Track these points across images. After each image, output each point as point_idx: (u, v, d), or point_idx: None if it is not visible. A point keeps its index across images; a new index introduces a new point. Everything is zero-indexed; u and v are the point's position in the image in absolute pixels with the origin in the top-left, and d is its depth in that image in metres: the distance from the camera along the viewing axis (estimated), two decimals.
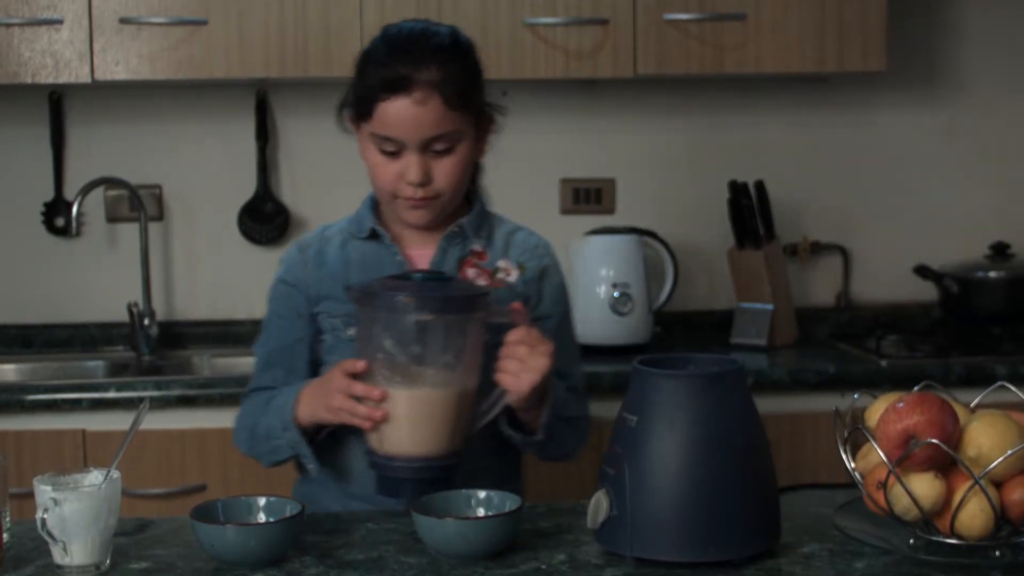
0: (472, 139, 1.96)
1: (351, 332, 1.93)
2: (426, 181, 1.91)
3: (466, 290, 1.84)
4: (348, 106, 1.97)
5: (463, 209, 2.03)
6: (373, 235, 2.01)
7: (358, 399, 1.78)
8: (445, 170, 1.93)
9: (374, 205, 2.03)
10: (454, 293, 1.79)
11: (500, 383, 1.81)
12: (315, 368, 2.03)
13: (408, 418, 1.76)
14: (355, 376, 1.79)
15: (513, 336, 1.81)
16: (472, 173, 2.04)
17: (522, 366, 1.80)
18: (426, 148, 1.90)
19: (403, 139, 1.89)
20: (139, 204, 3.26)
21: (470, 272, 1.99)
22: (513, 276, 2.01)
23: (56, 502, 1.56)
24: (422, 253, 2.01)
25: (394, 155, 1.91)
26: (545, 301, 2.03)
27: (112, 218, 3.34)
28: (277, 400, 1.95)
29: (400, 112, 1.88)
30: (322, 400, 1.85)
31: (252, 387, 2.06)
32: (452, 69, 1.90)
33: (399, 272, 1.94)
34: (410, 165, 1.90)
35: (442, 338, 1.75)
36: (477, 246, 2.02)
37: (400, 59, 1.88)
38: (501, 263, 2.02)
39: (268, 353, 2.05)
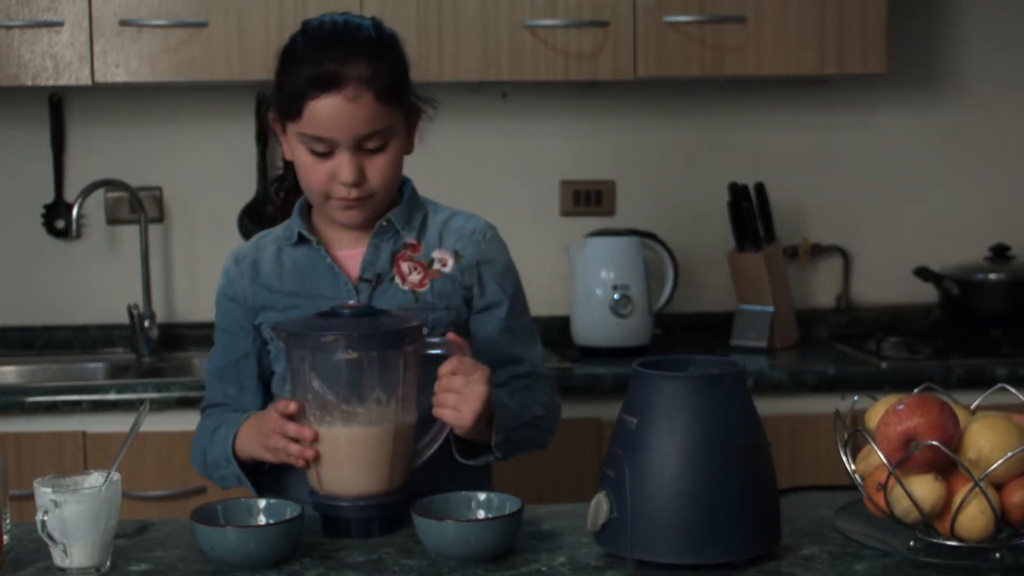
0: (403, 134, 1.91)
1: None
2: (360, 180, 1.86)
3: (392, 324, 1.76)
4: (273, 107, 1.92)
5: (393, 202, 1.97)
6: (302, 240, 1.96)
7: (294, 439, 1.76)
8: (379, 168, 1.87)
9: (305, 209, 1.98)
10: (378, 329, 1.73)
11: (440, 418, 1.77)
12: (268, 378, 2.01)
13: (344, 457, 1.73)
14: (291, 416, 1.76)
15: (446, 368, 1.75)
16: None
17: (460, 398, 1.74)
18: (358, 146, 1.85)
19: (335, 138, 1.84)
20: (139, 206, 3.26)
21: (404, 266, 1.94)
22: (449, 266, 1.94)
23: (56, 504, 1.56)
24: (352, 254, 1.95)
25: (325, 155, 1.86)
26: (489, 288, 1.97)
27: (112, 220, 3.34)
28: (220, 431, 1.92)
29: (331, 110, 1.82)
30: (258, 439, 1.83)
31: (205, 404, 2.04)
32: (381, 63, 1.84)
33: (330, 273, 1.92)
34: (342, 165, 1.85)
35: (370, 375, 1.72)
36: (409, 239, 1.95)
37: (327, 55, 1.83)
38: (436, 254, 1.95)
39: (217, 369, 2.02)
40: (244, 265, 1.99)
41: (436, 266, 1.95)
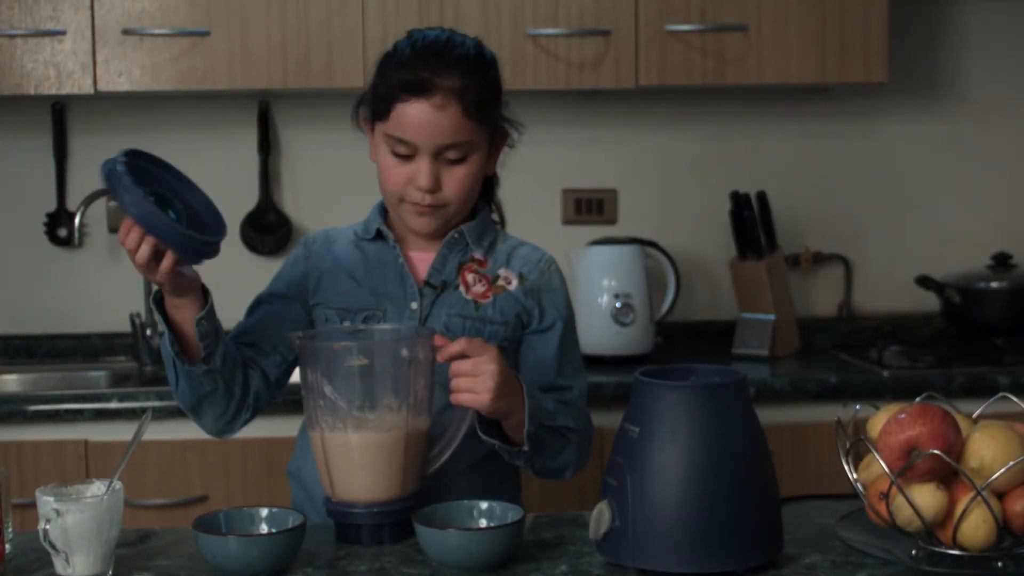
0: (485, 152, 1.95)
1: (346, 324, 1.93)
2: (435, 188, 1.90)
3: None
4: (365, 105, 1.96)
5: (464, 218, 2.02)
6: (378, 236, 2.00)
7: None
8: (455, 179, 1.91)
9: (382, 210, 2.03)
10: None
11: (459, 404, 1.77)
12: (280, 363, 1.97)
13: (356, 464, 1.74)
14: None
15: (453, 348, 1.76)
16: (490, 186, 2.06)
17: (473, 380, 1.75)
18: (438, 155, 1.89)
19: (417, 143, 1.88)
20: None
21: (469, 277, 1.98)
22: (513, 285, 1.99)
23: (58, 513, 1.56)
24: (421, 256, 1.99)
25: (406, 158, 1.90)
26: (548, 313, 2.00)
27: (114, 228, 3.34)
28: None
29: (418, 115, 1.87)
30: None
31: None
32: (473, 79, 1.89)
33: (399, 272, 1.95)
34: (421, 170, 1.89)
35: (382, 381, 1.73)
36: (478, 254, 2.00)
37: (424, 63, 1.88)
38: (501, 271, 2.00)
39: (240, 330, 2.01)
40: (316, 245, 2.02)
41: (501, 283, 1.99)
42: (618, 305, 3.13)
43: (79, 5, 2.96)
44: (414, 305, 1.95)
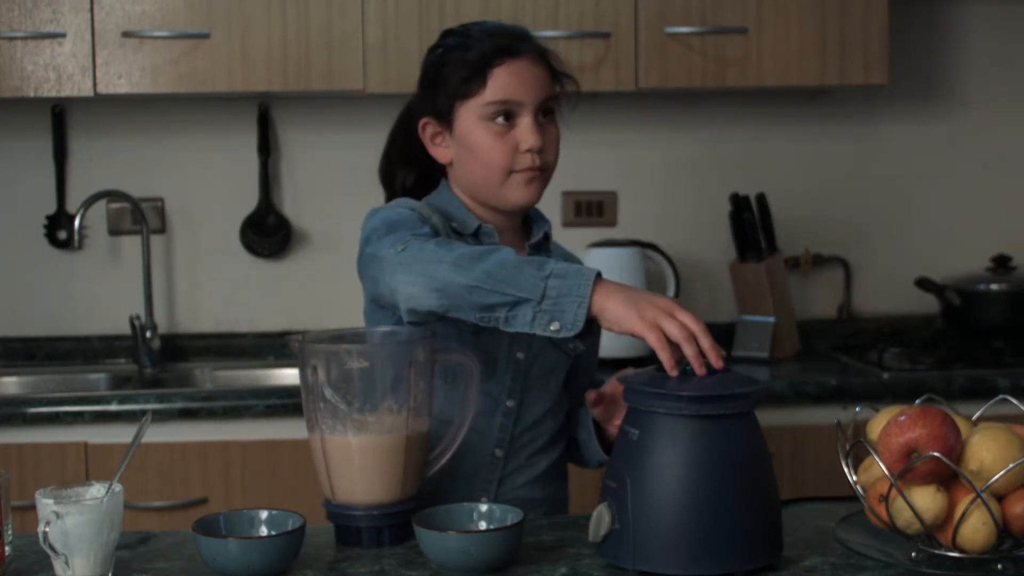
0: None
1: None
2: (541, 147, 1.92)
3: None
4: (430, 110, 1.93)
5: (527, 219, 2.04)
6: (475, 233, 1.95)
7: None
8: (552, 139, 1.95)
9: (461, 205, 1.97)
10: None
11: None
12: None
13: (356, 466, 1.74)
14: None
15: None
16: None
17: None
18: (537, 112, 1.92)
19: (522, 99, 1.90)
20: (141, 217, 3.27)
21: None
22: None
23: (58, 515, 1.55)
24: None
25: (507, 126, 1.90)
26: None
27: (114, 231, 3.35)
28: (543, 262, 1.71)
29: (519, 72, 1.89)
30: (632, 299, 1.68)
31: (401, 239, 1.80)
32: (542, 48, 1.95)
33: None
34: (526, 130, 1.89)
35: (382, 384, 1.74)
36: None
37: (504, 34, 1.92)
38: None
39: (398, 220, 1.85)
40: (435, 217, 1.92)
41: None
42: None
43: (79, 7, 2.96)
44: None
